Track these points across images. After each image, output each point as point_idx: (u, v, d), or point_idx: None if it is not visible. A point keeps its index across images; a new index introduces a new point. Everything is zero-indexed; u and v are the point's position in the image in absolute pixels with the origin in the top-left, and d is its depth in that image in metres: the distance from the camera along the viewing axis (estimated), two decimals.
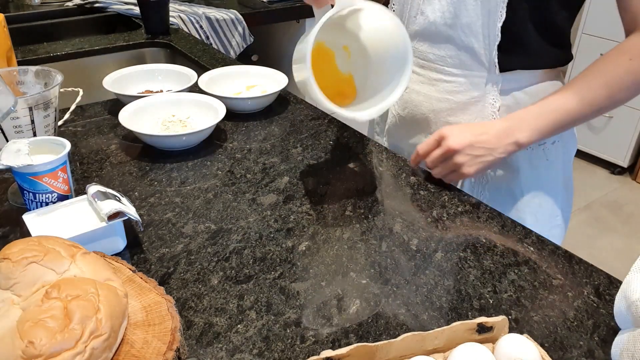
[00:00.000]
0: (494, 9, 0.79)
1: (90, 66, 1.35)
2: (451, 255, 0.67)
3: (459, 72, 0.86)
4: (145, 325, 0.50)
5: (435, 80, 0.89)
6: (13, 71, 0.81)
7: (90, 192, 0.66)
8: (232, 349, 0.53)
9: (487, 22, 0.80)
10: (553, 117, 0.77)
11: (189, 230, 0.70)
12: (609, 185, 2.73)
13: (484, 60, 0.83)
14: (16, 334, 0.42)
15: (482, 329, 0.52)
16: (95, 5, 1.62)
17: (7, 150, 0.66)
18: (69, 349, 0.42)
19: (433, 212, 0.76)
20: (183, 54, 1.35)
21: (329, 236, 0.70)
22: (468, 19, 0.81)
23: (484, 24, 0.80)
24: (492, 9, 0.79)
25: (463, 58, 0.84)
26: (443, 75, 0.87)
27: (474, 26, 0.81)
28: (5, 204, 0.74)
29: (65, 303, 0.44)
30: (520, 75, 0.85)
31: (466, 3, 0.80)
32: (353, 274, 0.64)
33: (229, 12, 1.68)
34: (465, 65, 0.85)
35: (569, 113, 0.77)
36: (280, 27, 2.02)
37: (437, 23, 0.84)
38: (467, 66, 0.85)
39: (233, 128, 0.97)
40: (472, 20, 0.81)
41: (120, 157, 0.87)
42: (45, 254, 0.49)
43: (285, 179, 0.82)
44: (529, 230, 0.73)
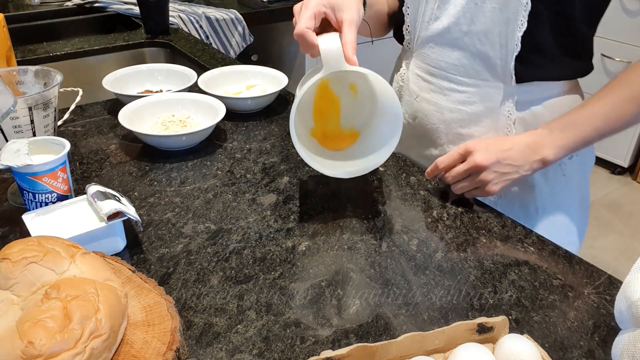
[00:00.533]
0: (514, 18, 0.75)
1: (89, 66, 1.35)
2: (451, 255, 0.67)
3: (472, 81, 0.82)
4: (145, 326, 0.50)
5: (447, 90, 0.85)
6: (13, 71, 0.80)
7: (90, 192, 0.65)
8: (231, 349, 0.53)
9: (506, 30, 0.76)
10: (580, 133, 0.74)
11: (188, 230, 0.70)
12: (610, 185, 2.73)
13: (499, 70, 0.79)
14: (16, 334, 0.42)
15: (482, 329, 0.52)
16: (94, 5, 1.62)
17: (7, 150, 0.65)
18: (68, 349, 0.42)
19: (433, 212, 0.76)
20: (183, 53, 1.35)
21: (329, 236, 0.70)
22: (484, 26, 0.78)
23: (501, 33, 0.77)
24: (511, 17, 0.75)
25: (477, 67, 0.81)
26: (455, 85, 0.84)
27: (490, 34, 0.78)
28: (5, 204, 0.74)
29: (64, 303, 0.44)
30: (537, 86, 0.81)
31: (484, 9, 0.77)
32: (353, 274, 0.64)
33: (228, 11, 1.68)
34: (479, 74, 0.81)
35: (596, 129, 0.74)
36: (280, 27, 2.02)
37: (451, 29, 0.81)
38: (481, 76, 0.81)
39: (233, 128, 0.97)
40: (489, 27, 0.77)
41: (120, 157, 0.87)
42: (45, 254, 0.48)
43: (285, 179, 0.82)
44: (529, 230, 0.73)
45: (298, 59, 2.04)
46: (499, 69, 0.80)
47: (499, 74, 0.80)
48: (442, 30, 0.82)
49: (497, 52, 0.78)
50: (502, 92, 0.81)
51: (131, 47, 1.41)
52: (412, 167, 0.86)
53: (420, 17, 0.85)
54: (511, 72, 0.79)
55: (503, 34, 0.77)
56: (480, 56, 0.80)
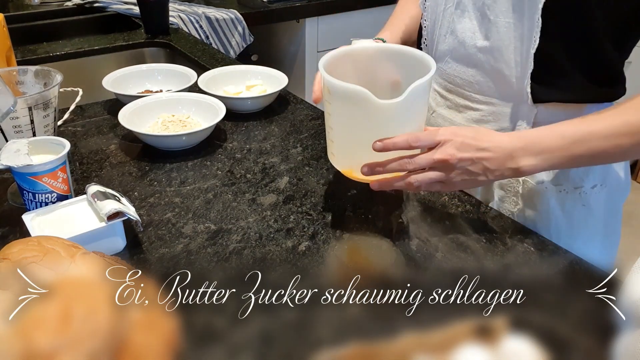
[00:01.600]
0: (528, 35, 0.71)
1: (89, 66, 1.35)
2: (451, 255, 0.67)
3: (487, 99, 0.80)
4: (145, 326, 0.50)
5: (462, 107, 0.83)
6: (12, 71, 0.80)
7: (90, 192, 0.65)
8: (231, 349, 0.53)
9: (520, 47, 0.73)
10: (571, 151, 0.64)
11: (188, 231, 0.70)
12: None
13: (514, 88, 0.76)
14: (16, 334, 0.42)
15: (482, 330, 0.52)
16: (94, 5, 1.62)
17: (7, 150, 0.65)
18: (68, 349, 0.42)
19: (433, 212, 0.76)
20: (183, 53, 1.35)
21: (329, 236, 0.70)
22: (499, 42, 0.74)
23: (516, 49, 0.73)
24: (525, 34, 0.71)
25: (492, 85, 0.78)
26: (470, 102, 0.82)
27: (505, 51, 0.74)
28: (5, 204, 0.74)
29: (64, 303, 0.44)
30: (558, 108, 0.76)
31: (498, 25, 0.73)
32: (353, 274, 0.64)
33: (228, 11, 1.68)
34: (494, 92, 0.78)
35: (590, 150, 0.64)
36: (280, 27, 2.02)
37: (466, 44, 0.78)
38: (496, 94, 0.78)
39: (233, 128, 0.97)
40: (504, 44, 0.74)
41: (120, 157, 0.87)
42: (45, 254, 0.48)
43: (285, 179, 0.82)
44: (530, 230, 0.73)
45: (298, 59, 2.04)
46: (514, 87, 0.76)
47: (515, 93, 0.76)
48: (457, 45, 0.80)
49: (512, 70, 0.75)
50: (519, 111, 0.78)
51: (131, 47, 1.41)
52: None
53: (437, 29, 0.83)
54: (527, 91, 0.74)
55: (518, 51, 0.73)
56: (495, 73, 0.77)
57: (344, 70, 0.69)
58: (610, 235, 0.87)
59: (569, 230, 0.81)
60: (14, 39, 0.96)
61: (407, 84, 0.61)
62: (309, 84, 2.05)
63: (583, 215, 0.81)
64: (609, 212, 0.84)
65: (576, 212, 0.81)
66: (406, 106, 0.61)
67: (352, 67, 0.72)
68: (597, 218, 0.82)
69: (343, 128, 0.66)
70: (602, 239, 0.85)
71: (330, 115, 0.66)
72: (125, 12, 1.60)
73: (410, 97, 0.60)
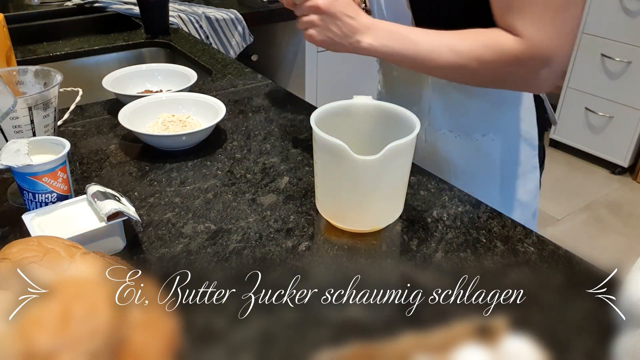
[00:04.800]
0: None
1: (89, 66, 1.35)
2: (451, 255, 0.67)
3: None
4: (145, 326, 0.50)
5: None
6: (12, 71, 0.80)
7: (90, 192, 0.65)
8: (231, 349, 0.53)
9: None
10: (402, 43, 0.76)
11: (188, 231, 0.70)
12: (610, 185, 2.72)
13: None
14: (15, 335, 0.42)
15: (482, 330, 0.52)
16: (94, 5, 1.62)
17: (7, 150, 0.65)
18: (68, 349, 0.42)
19: (433, 212, 0.76)
20: (183, 53, 1.35)
21: (329, 236, 0.70)
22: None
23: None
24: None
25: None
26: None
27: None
28: (5, 204, 0.74)
29: (64, 303, 0.44)
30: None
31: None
32: (353, 275, 0.64)
33: (228, 11, 1.68)
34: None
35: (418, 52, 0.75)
36: (280, 27, 2.02)
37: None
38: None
39: (233, 128, 0.97)
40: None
41: (120, 157, 0.87)
42: (45, 254, 0.48)
43: (285, 179, 0.82)
44: (529, 230, 0.73)
45: (298, 59, 2.04)
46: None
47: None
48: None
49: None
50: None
51: (131, 47, 1.41)
52: (412, 167, 0.86)
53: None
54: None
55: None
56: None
57: (341, 122, 0.72)
58: (506, 187, 0.93)
59: (465, 172, 0.92)
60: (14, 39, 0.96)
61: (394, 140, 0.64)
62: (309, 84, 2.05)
63: (480, 161, 0.91)
64: (504, 162, 0.92)
65: (471, 156, 0.91)
66: (384, 163, 0.63)
67: (351, 120, 0.75)
68: (493, 164, 0.91)
69: (325, 177, 0.69)
70: (500, 188, 0.93)
71: (316, 163, 0.69)
72: (125, 12, 1.60)
73: (387, 155, 0.62)
